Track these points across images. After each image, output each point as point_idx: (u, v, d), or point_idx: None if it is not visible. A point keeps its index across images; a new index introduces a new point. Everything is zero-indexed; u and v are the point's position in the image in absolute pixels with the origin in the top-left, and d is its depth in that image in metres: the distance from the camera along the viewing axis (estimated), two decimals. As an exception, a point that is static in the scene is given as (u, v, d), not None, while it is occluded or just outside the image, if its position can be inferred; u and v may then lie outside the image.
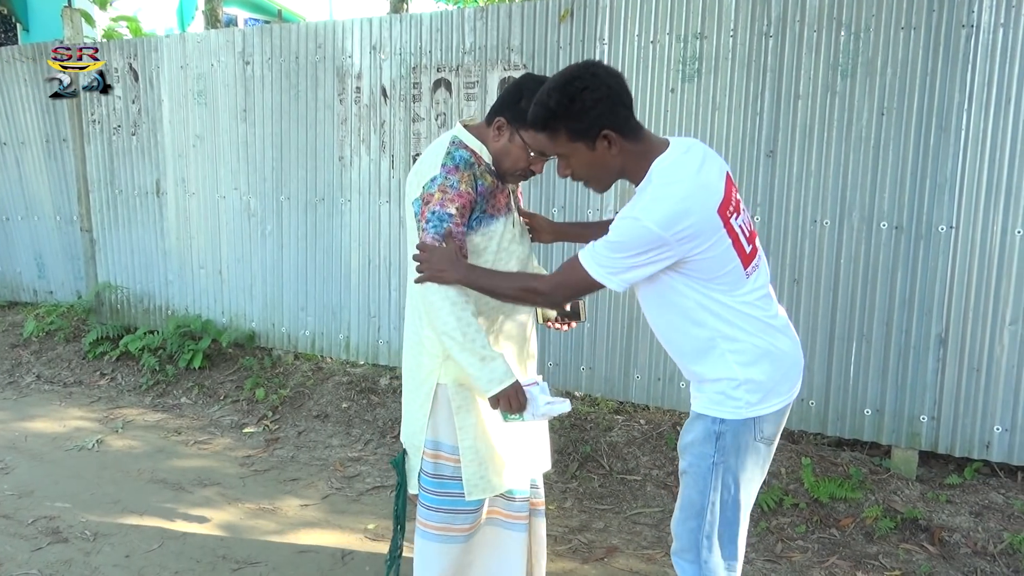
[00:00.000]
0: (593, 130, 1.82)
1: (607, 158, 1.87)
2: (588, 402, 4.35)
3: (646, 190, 1.85)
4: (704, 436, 1.95)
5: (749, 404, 1.91)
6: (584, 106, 1.80)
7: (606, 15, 3.85)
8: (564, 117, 1.82)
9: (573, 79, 1.81)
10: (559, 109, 1.81)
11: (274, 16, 13.37)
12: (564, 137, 1.85)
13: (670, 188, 1.81)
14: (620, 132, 1.84)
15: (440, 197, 2.13)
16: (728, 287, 1.89)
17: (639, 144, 1.88)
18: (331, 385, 4.79)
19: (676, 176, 1.83)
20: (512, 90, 2.16)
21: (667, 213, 1.77)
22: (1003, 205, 3.22)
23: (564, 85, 1.81)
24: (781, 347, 1.95)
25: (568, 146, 1.87)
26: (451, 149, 2.20)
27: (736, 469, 1.95)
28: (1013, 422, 3.30)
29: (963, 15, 3.20)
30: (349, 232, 4.73)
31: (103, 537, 3.26)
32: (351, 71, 4.58)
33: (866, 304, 3.49)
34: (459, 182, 2.15)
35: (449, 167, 2.16)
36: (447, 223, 2.12)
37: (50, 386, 5.25)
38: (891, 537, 3.18)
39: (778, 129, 3.55)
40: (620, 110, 1.84)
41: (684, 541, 2.04)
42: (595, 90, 1.80)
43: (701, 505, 1.98)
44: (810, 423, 3.65)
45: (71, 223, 6.00)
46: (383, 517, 3.46)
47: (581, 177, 1.95)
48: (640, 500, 3.56)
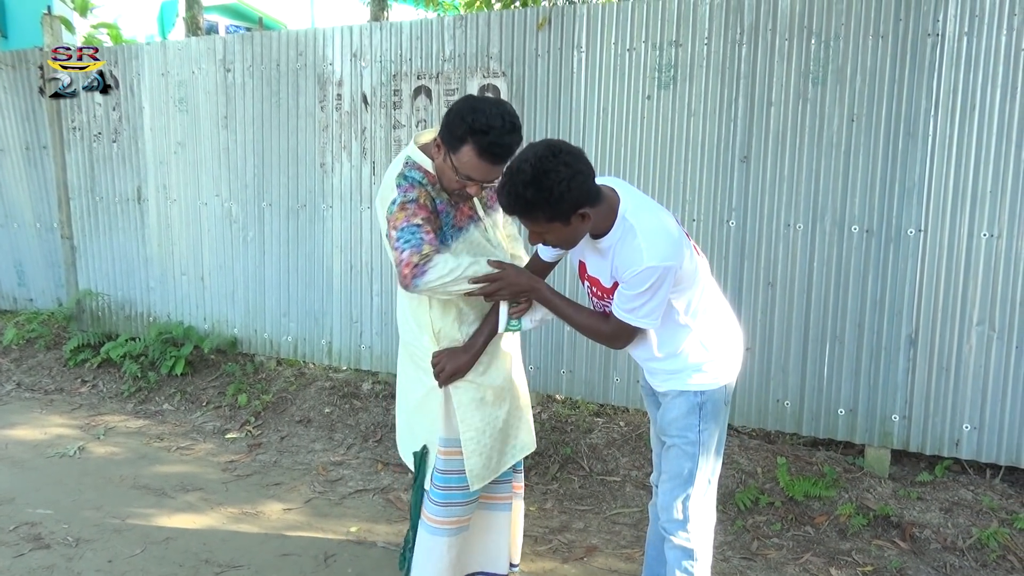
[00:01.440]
0: (569, 213, 1.95)
1: (580, 228, 2.02)
2: (569, 405, 4.40)
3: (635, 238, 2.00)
4: (688, 409, 2.20)
5: (720, 373, 2.22)
6: (560, 196, 1.90)
7: (583, 23, 3.91)
8: (542, 207, 1.92)
9: (547, 172, 1.88)
10: (537, 201, 1.91)
11: (255, 23, 13.36)
12: (542, 220, 1.97)
13: (655, 223, 2.02)
14: (591, 206, 1.98)
15: (403, 215, 2.20)
16: (697, 285, 2.15)
17: (601, 205, 2.02)
18: (314, 390, 4.82)
19: (650, 214, 2.05)
20: (451, 115, 2.14)
21: (668, 245, 2.00)
22: (969, 209, 3.31)
23: (539, 179, 1.89)
24: (731, 324, 2.29)
25: (544, 226, 1.99)
26: (404, 170, 2.27)
27: (716, 432, 2.24)
28: (981, 420, 3.39)
29: (929, 24, 3.29)
30: (331, 238, 4.76)
31: (85, 543, 3.27)
32: (332, 78, 4.62)
33: (839, 306, 3.57)
34: (418, 196, 2.22)
35: (405, 186, 2.23)
36: (419, 233, 2.18)
37: (31, 394, 5.23)
38: (864, 533, 3.25)
39: (752, 135, 3.63)
40: (589, 186, 1.95)
41: (674, 511, 2.24)
42: (571, 180, 1.90)
43: (690, 471, 2.21)
44: (785, 423, 3.72)
45: (51, 230, 5.98)
46: (365, 520, 3.49)
47: (553, 245, 2.08)
48: (619, 500, 3.61)
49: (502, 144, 2.09)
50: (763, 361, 3.72)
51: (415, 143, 2.33)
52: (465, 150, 2.11)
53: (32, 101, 5.81)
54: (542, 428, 4.09)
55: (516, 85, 4.11)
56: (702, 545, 2.27)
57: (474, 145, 2.09)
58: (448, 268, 2.18)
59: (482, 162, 2.12)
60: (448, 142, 2.15)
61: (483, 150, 2.09)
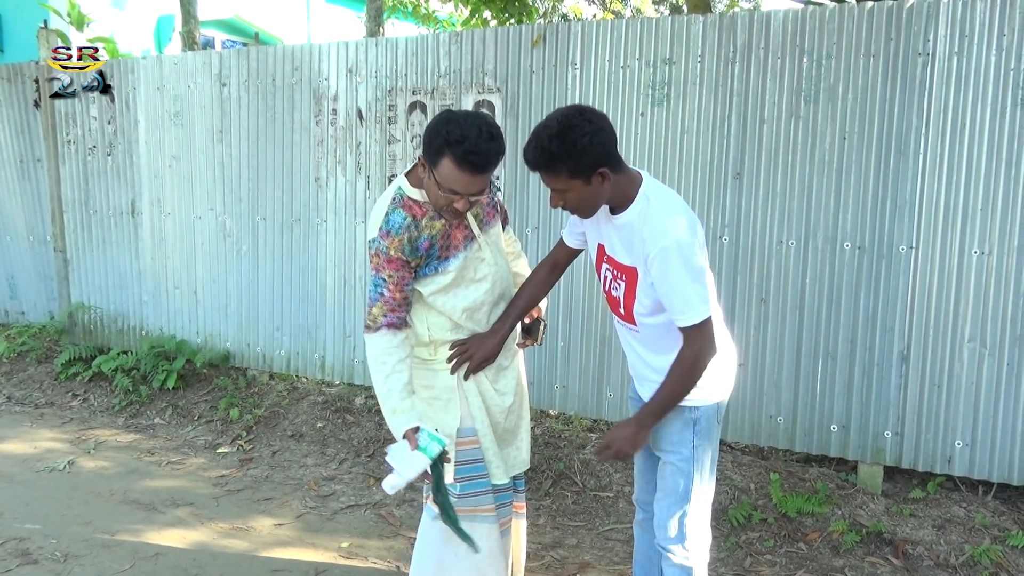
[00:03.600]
0: (590, 169, 2.00)
1: (599, 191, 2.05)
2: (562, 420, 4.39)
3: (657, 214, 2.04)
4: (682, 425, 2.20)
5: (713, 390, 2.20)
6: (584, 150, 1.97)
7: (578, 40, 3.94)
8: (565, 159, 1.98)
9: (570, 128, 1.97)
10: (560, 154, 1.97)
11: (252, 38, 13.41)
12: (563, 176, 2.02)
13: (676, 204, 2.09)
14: (611, 168, 2.03)
15: (376, 262, 2.29)
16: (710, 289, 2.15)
17: (623, 175, 2.08)
18: (306, 405, 4.80)
19: (671, 195, 2.12)
20: (429, 131, 2.15)
21: (690, 224, 2.05)
22: (960, 226, 3.33)
23: (563, 131, 1.97)
24: (727, 342, 2.29)
25: (566, 183, 2.03)
26: (389, 210, 2.27)
27: (709, 448, 2.23)
28: (973, 437, 3.39)
29: (919, 44, 3.32)
30: (325, 252, 4.77)
31: (74, 558, 3.24)
32: (327, 93, 4.64)
33: (831, 322, 3.58)
34: (388, 247, 2.25)
35: (383, 231, 2.26)
36: (381, 288, 2.28)
37: (21, 407, 5.20)
38: (856, 550, 3.24)
39: (745, 152, 3.65)
40: (611, 149, 2.02)
41: (671, 528, 2.23)
42: (593, 135, 1.97)
43: (686, 488, 2.20)
44: (778, 439, 3.73)
45: (44, 243, 5.97)
46: (357, 535, 3.47)
47: (572, 208, 2.12)
48: (612, 516, 3.60)
49: (479, 152, 2.07)
50: (756, 377, 3.73)
51: (405, 177, 2.33)
52: (444, 163, 2.10)
53: (27, 114, 5.81)
54: (535, 443, 4.08)
55: (511, 101, 4.13)
56: (700, 563, 2.26)
57: (451, 156, 2.08)
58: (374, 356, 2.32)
59: (462, 173, 2.10)
60: (429, 158, 2.14)
61: (460, 160, 2.08)
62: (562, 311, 4.10)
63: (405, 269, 2.28)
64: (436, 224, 2.29)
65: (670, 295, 2.03)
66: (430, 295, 2.36)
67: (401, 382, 2.30)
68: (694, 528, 2.23)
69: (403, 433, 2.27)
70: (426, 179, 2.20)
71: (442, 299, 2.37)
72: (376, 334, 2.31)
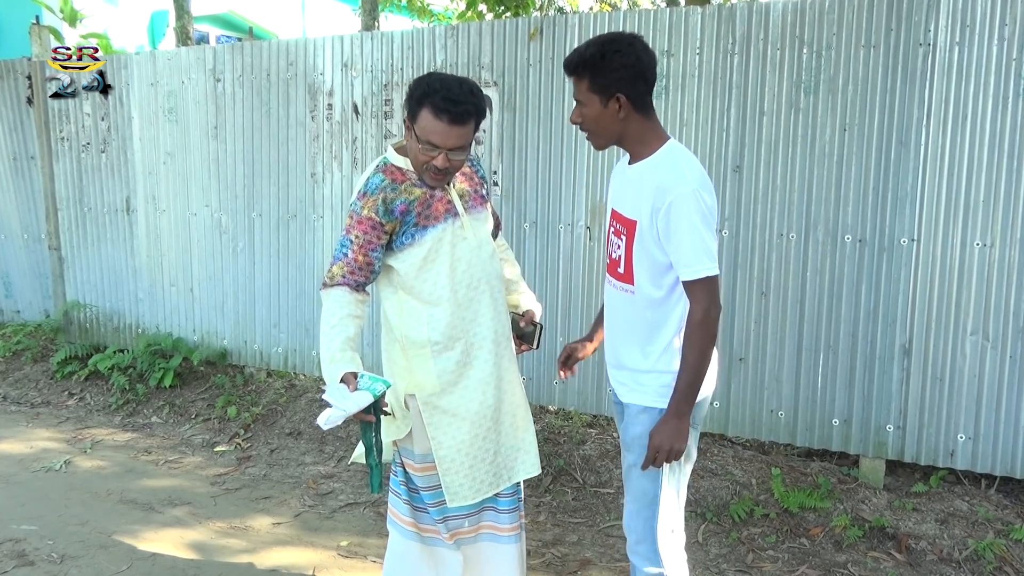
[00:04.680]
0: (610, 89, 2.00)
1: (613, 118, 2.05)
2: (561, 416, 4.37)
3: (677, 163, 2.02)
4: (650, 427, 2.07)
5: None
6: (610, 66, 1.99)
7: (575, 33, 3.90)
8: (591, 68, 2.01)
9: (611, 41, 2.01)
10: (590, 60, 2.00)
11: (246, 33, 13.35)
12: (585, 85, 2.03)
13: (698, 165, 2.05)
14: (631, 100, 2.02)
15: (348, 223, 2.26)
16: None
17: (645, 120, 2.07)
18: (304, 402, 4.77)
19: (695, 159, 2.08)
20: (411, 87, 2.18)
21: (708, 182, 2.03)
22: (962, 218, 3.31)
23: (602, 44, 2.01)
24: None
25: (586, 95, 2.04)
26: (371, 175, 2.27)
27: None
28: (976, 430, 3.37)
29: (920, 34, 3.29)
30: (322, 248, 4.73)
31: (70, 559, 3.22)
32: (323, 88, 4.60)
33: (832, 316, 3.55)
34: (362, 208, 2.22)
35: (359, 193, 2.25)
36: (346, 248, 2.24)
37: (17, 407, 5.17)
38: (859, 545, 3.22)
39: (744, 145, 3.62)
40: (639, 83, 2.02)
41: (641, 532, 2.14)
42: (625, 56, 1.99)
43: (654, 493, 2.11)
44: (779, 434, 3.70)
45: (39, 241, 5.93)
46: (356, 534, 3.44)
47: (587, 128, 2.11)
48: (613, 513, 3.58)
49: (457, 100, 2.09)
50: (756, 371, 3.70)
51: (392, 147, 2.34)
52: (423, 113, 2.12)
53: (20, 111, 5.77)
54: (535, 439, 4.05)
55: (508, 95, 4.09)
56: (675, 569, 2.16)
57: (429, 106, 2.11)
58: (325, 309, 2.24)
59: (439, 122, 2.10)
60: (410, 112, 2.17)
61: (438, 109, 2.09)
62: (561, 306, 4.07)
63: (374, 232, 2.21)
64: (415, 190, 2.25)
65: (680, 245, 1.95)
66: (405, 273, 2.26)
67: (346, 335, 2.20)
68: (665, 534, 2.13)
69: (340, 378, 2.13)
70: (409, 141, 2.21)
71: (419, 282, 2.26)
72: (332, 289, 2.25)
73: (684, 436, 2.02)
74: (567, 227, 4.02)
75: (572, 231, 4.01)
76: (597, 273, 3.95)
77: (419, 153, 2.17)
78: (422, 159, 2.18)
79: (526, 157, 4.09)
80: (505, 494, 2.47)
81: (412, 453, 2.37)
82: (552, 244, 4.07)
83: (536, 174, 4.08)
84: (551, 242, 4.07)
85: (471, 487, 2.35)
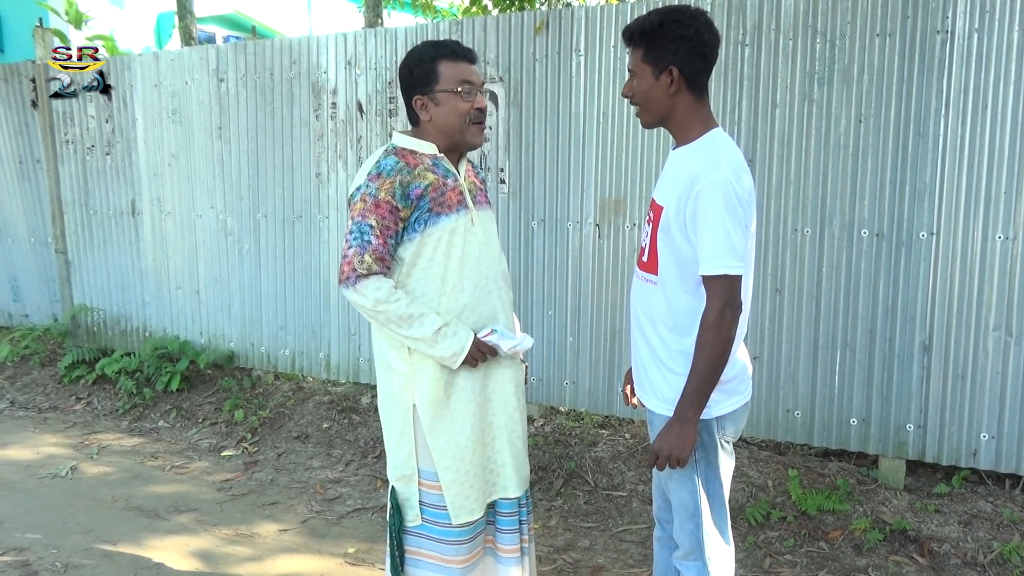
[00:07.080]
0: (664, 60, 1.93)
1: (663, 93, 1.96)
2: (572, 417, 4.29)
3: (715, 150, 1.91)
4: None
5: (715, 402, 1.97)
6: (668, 36, 1.91)
7: (582, 27, 3.82)
8: (648, 37, 1.94)
9: (674, 13, 1.93)
10: (648, 29, 1.94)
11: (250, 33, 13.32)
12: (640, 55, 1.96)
13: (740, 158, 1.93)
14: (685, 76, 1.93)
15: (361, 207, 2.12)
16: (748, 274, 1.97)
17: (697, 101, 1.98)
18: (312, 405, 4.72)
19: (738, 151, 1.97)
20: (409, 65, 2.19)
21: (748, 178, 1.91)
22: (983, 210, 3.20)
23: (665, 14, 1.93)
24: (742, 351, 2.06)
25: (639, 65, 1.97)
26: (380, 158, 2.17)
27: (716, 463, 2.03)
28: (999, 429, 3.27)
29: (937, 21, 3.19)
30: (328, 249, 4.67)
31: (74, 569, 3.17)
32: (327, 87, 4.53)
33: (849, 312, 3.46)
34: (378, 189, 2.11)
35: (372, 175, 2.13)
36: (368, 235, 2.10)
37: (24, 412, 5.14)
38: (880, 549, 3.13)
39: (756, 138, 3.53)
40: (696, 59, 1.93)
41: (688, 545, 2.08)
42: (685, 27, 1.91)
43: (694, 505, 2.03)
44: (796, 434, 3.61)
45: (46, 245, 5.90)
46: (364, 540, 3.38)
47: (637, 102, 2.03)
48: (626, 517, 3.50)
49: (461, 45, 2.19)
50: (772, 370, 3.61)
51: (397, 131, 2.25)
52: (441, 68, 2.14)
53: (25, 114, 5.73)
54: (545, 441, 3.98)
55: (514, 90, 4.01)
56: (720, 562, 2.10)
57: (445, 57, 2.15)
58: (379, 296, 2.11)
59: (461, 64, 2.16)
60: (427, 86, 2.15)
61: (455, 54, 2.15)
62: (571, 305, 3.99)
63: (392, 218, 2.10)
64: (429, 175, 2.15)
65: (703, 236, 1.84)
66: (411, 264, 2.16)
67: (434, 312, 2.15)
68: (713, 543, 2.05)
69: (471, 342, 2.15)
70: (435, 109, 2.17)
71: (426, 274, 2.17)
72: (370, 280, 2.10)
73: (688, 443, 1.90)
74: (575, 225, 3.94)
75: (581, 229, 3.93)
76: (607, 271, 3.87)
77: (459, 102, 2.14)
78: (463, 107, 2.15)
79: (533, 154, 4.01)
80: (504, 512, 2.35)
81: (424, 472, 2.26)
82: (560, 242, 4.00)
83: (544, 171, 4.00)
84: (559, 240, 3.99)
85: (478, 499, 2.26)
